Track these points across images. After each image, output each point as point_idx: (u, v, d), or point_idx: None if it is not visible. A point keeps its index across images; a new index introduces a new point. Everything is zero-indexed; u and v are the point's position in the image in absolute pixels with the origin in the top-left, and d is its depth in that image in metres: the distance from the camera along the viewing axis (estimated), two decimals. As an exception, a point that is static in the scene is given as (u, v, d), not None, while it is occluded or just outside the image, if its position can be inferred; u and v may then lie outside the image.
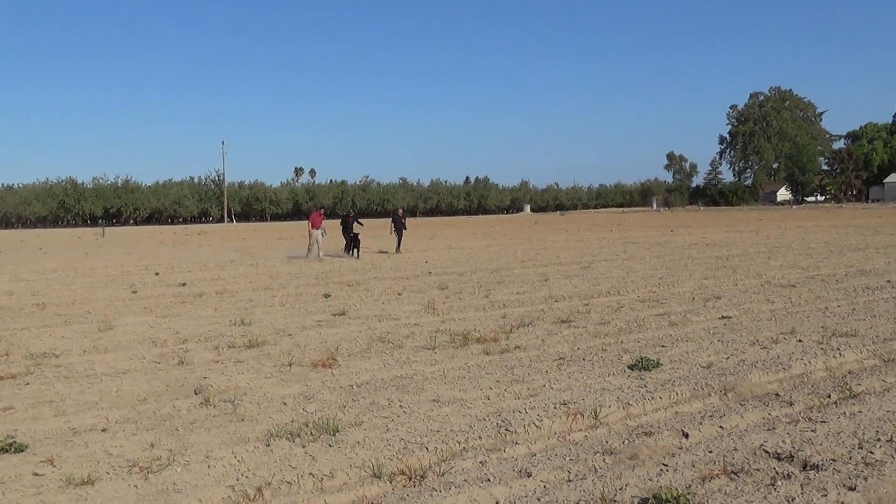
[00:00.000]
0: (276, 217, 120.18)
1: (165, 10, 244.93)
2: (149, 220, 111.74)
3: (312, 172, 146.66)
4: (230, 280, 18.52)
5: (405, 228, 27.86)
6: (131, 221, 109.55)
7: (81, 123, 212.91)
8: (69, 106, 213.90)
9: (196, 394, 6.99)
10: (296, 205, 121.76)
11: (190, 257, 28.66)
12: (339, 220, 25.76)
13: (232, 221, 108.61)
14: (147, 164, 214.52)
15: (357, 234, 25.21)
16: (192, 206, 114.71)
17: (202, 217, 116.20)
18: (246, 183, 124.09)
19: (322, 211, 26.68)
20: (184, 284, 17.52)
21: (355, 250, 25.07)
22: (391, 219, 28.34)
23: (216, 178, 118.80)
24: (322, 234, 25.16)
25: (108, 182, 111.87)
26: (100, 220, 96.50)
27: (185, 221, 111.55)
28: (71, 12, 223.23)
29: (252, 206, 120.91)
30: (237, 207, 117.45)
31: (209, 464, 5.08)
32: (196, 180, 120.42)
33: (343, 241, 26.74)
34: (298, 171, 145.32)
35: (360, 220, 26.59)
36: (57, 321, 12.04)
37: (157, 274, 20.79)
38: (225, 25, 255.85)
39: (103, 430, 5.94)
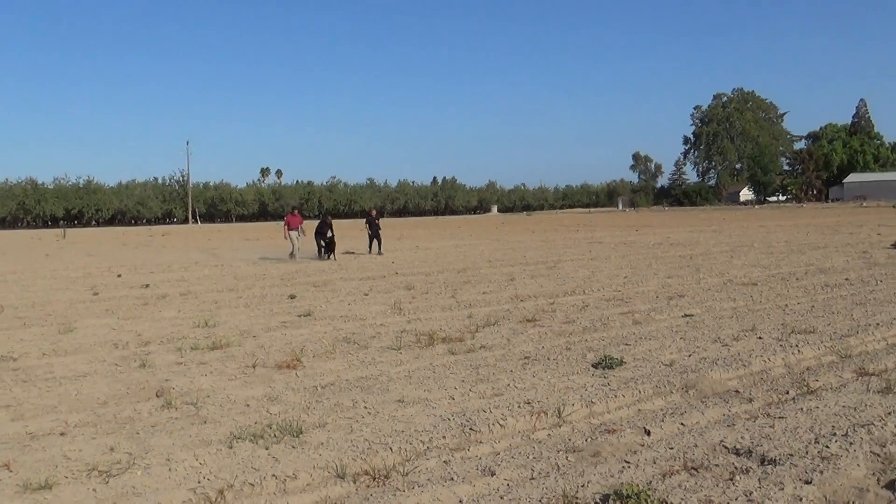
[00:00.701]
0: (242, 218, 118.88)
1: (128, 6, 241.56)
2: (111, 221, 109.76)
3: (279, 173, 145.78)
4: (194, 281, 18.29)
5: (380, 229, 27.72)
6: (93, 223, 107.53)
7: (42, 122, 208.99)
8: (29, 104, 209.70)
9: (158, 396, 6.90)
10: (262, 206, 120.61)
11: (153, 259, 28.24)
12: (317, 225, 25.50)
13: (197, 223, 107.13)
14: (110, 164, 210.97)
15: (332, 238, 25.06)
16: (155, 208, 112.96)
17: (166, 218, 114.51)
18: (211, 184, 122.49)
19: (296, 211, 26.61)
20: (147, 286, 17.27)
21: (331, 253, 24.93)
22: (365, 220, 28.20)
23: (180, 179, 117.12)
24: (300, 234, 25.15)
25: (70, 182, 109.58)
26: (61, 222, 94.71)
27: (148, 223, 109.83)
28: (32, 7, 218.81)
29: (217, 207, 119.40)
30: (202, 208, 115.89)
31: (170, 467, 5.02)
32: (160, 181, 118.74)
33: (310, 245, 26.50)
34: (265, 172, 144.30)
35: (332, 230, 25.57)
36: (15, 324, 11.79)
37: (119, 276, 20.45)
38: (190, 22, 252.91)
39: (62, 434, 5.84)
